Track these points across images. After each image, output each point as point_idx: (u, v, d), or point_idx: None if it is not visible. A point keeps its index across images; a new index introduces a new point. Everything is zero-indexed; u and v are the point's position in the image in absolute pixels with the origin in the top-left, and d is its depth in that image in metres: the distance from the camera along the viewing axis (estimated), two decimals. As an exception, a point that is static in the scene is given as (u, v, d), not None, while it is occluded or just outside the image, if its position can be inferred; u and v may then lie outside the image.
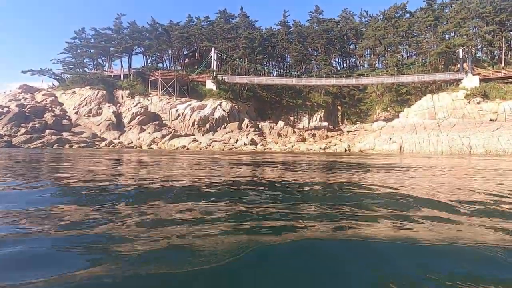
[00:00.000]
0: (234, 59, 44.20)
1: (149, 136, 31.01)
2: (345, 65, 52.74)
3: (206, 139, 30.98)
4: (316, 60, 48.09)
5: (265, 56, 48.29)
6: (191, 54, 50.03)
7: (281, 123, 38.57)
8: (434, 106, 32.83)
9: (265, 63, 48.60)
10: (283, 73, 47.20)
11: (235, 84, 40.89)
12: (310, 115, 43.26)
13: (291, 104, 43.61)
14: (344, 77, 42.94)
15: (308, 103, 43.80)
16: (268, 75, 45.89)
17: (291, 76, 44.70)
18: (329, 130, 39.06)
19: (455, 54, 37.26)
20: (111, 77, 42.43)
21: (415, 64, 39.96)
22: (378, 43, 44.33)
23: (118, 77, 42.69)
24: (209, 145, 28.83)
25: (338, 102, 44.65)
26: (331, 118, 43.39)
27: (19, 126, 28.95)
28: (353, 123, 41.35)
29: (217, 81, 39.38)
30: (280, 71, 47.74)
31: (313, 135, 35.66)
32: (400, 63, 40.35)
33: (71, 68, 46.78)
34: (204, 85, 41.21)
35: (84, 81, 40.30)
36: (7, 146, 23.83)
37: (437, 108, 32.59)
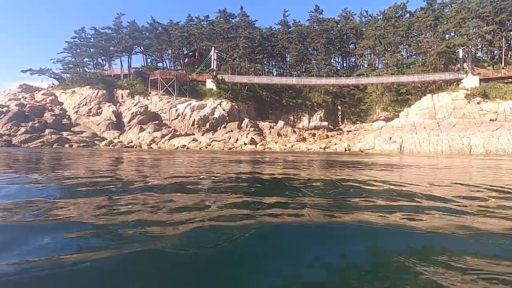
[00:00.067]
0: (234, 59, 44.18)
1: (149, 136, 30.98)
2: (345, 64, 52.74)
3: (206, 138, 30.96)
4: (316, 59, 48.06)
5: (265, 56, 48.26)
6: (191, 53, 49.99)
7: (281, 122, 38.54)
8: (434, 106, 32.83)
9: (265, 62, 48.56)
10: (283, 72, 47.20)
11: (235, 84, 40.87)
12: (310, 114, 43.26)
13: (291, 103, 43.58)
14: (344, 76, 42.93)
15: (308, 102, 43.79)
16: (268, 74, 45.84)
17: (291, 76, 44.69)
18: (329, 130, 39.04)
19: (455, 54, 37.25)
20: (111, 76, 42.39)
21: (415, 64, 39.96)
22: (378, 43, 44.31)
23: (118, 77, 42.66)
24: (209, 145, 28.82)
25: (338, 102, 44.65)
26: (331, 118, 43.39)
27: (18, 126, 28.91)
28: (353, 123, 41.34)
29: (217, 81, 39.35)
30: (280, 71, 47.73)
31: (313, 134, 35.63)
32: (400, 62, 40.34)
33: (71, 67, 46.72)
34: (204, 84, 41.20)
35: (84, 81, 40.28)
36: (6, 145, 23.81)
37: (437, 108, 32.59)
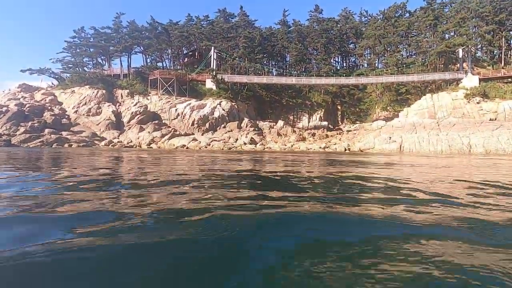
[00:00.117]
0: (234, 59, 44.15)
1: (148, 136, 30.96)
2: (344, 64, 52.70)
3: (206, 138, 30.94)
4: (315, 59, 48.03)
5: (264, 56, 48.20)
6: (191, 53, 49.95)
7: (280, 122, 38.52)
8: (433, 106, 32.83)
9: (264, 62, 48.49)
10: (283, 72, 47.16)
11: (234, 84, 40.85)
12: (310, 114, 43.24)
13: (291, 103, 43.57)
14: (343, 76, 42.90)
15: (307, 102, 43.78)
16: (267, 74, 45.78)
17: (291, 76, 44.67)
18: (329, 130, 39.02)
19: (454, 53, 37.25)
20: (110, 76, 42.36)
21: (414, 63, 39.96)
22: (378, 43, 44.27)
23: (118, 77, 42.63)
24: (209, 145, 28.81)
25: (338, 102, 44.64)
26: (330, 118, 43.38)
27: (18, 125, 28.89)
28: (353, 123, 41.32)
29: (217, 81, 39.33)
30: (280, 71, 47.70)
31: (313, 134, 35.61)
32: (400, 62, 40.32)
33: (70, 67, 46.66)
34: (203, 84, 41.16)
35: (84, 80, 40.23)
36: (6, 145, 23.79)
37: (437, 108, 32.59)
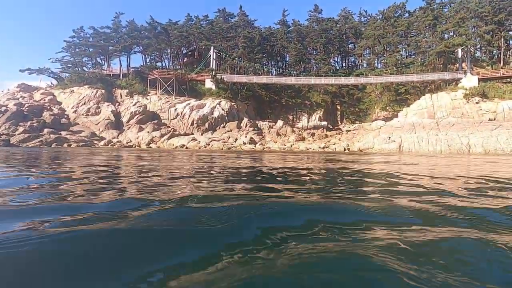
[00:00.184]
0: (233, 58, 44.13)
1: (148, 135, 30.93)
2: (344, 64, 52.70)
3: (205, 138, 30.93)
4: (315, 59, 48.04)
5: (264, 55, 48.17)
6: (190, 53, 49.91)
7: (280, 122, 38.53)
8: (433, 106, 32.86)
9: (264, 62, 48.45)
10: (282, 72, 47.16)
11: (234, 83, 40.83)
12: (309, 114, 43.26)
13: (290, 103, 43.57)
14: (343, 76, 42.90)
15: (307, 102, 43.79)
16: (267, 74, 45.77)
17: (290, 76, 44.65)
18: (328, 130, 39.03)
19: (454, 53, 37.29)
20: (109, 76, 42.32)
21: (414, 63, 39.99)
22: (377, 43, 44.31)
23: (117, 76, 42.59)
24: (208, 144, 28.79)
25: (337, 102, 44.66)
26: (330, 118, 43.40)
27: (17, 125, 28.84)
28: (352, 123, 41.35)
29: (216, 80, 39.31)
30: (279, 70, 47.71)
31: (312, 134, 35.62)
32: (399, 62, 40.36)
33: (69, 67, 46.60)
34: (203, 84, 41.14)
35: (83, 80, 40.18)
36: (5, 145, 23.75)
37: (436, 108, 32.62)
